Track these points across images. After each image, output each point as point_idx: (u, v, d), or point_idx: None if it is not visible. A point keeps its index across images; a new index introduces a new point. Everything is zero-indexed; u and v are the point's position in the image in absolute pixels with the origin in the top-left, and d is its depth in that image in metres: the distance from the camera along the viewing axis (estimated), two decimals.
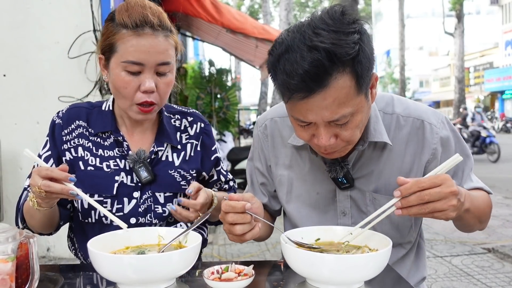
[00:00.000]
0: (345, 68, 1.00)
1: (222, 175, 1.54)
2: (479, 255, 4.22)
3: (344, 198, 1.29)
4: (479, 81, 34.36)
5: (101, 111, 1.41)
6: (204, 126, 1.49)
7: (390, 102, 1.28)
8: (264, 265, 1.24)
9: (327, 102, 1.02)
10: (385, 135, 1.22)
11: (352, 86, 1.03)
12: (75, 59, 3.87)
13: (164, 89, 1.30)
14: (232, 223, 1.08)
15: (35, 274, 0.91)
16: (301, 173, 1.33)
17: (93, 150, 1.36)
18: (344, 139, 1.10)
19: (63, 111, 1.42)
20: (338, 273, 0.98)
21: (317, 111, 1.03)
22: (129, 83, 1.25)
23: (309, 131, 1.11)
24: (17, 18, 3.90)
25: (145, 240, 1.17)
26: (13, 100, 3.93)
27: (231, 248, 4.60)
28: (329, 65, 0.98)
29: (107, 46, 1.28)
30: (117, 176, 1.34)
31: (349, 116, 1.06)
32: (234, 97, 8.98)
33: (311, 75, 0.98)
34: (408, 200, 0.99)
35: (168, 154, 1.41)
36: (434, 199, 0.97)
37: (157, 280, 1.01)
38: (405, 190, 0.98)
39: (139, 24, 1.24)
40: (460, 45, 24.74)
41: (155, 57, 1.25)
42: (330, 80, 1.00)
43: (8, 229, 0.86)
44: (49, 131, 1.40)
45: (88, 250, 1.02)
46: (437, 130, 1.24)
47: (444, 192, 0.97)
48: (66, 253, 3.98)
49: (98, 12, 3.88)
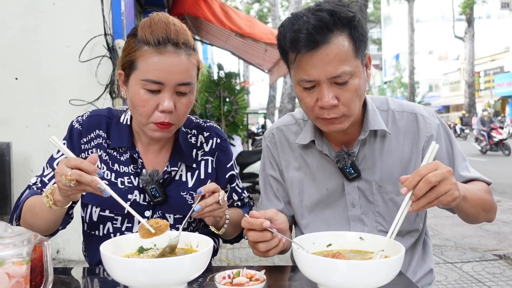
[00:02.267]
0: (344, 29, 1.17)
1: (235, 193, 1.50)
2: (490, 261, 4.17)
3: (352, 190, 1.35)
4: (490, 85, 34.08)
5: (119, 124, 1.37)
6: (220, 142, 1.45)
7: (385, 101, 1.41)
8: (275, 270, 1.23)
9: (329, 57, 1.16)
10: (383, 125, 1.33)
11: (350, 48, 1.17)
12: (86, 63, 3.90)
13: (183, 109, 1.26)
14: (254, 242, 1.12)
15: (49, 276, 0.92)
16: (310, 172, 1.40)
17: (109, 164, 1.34)
18: (344, 102, 1.20)
19: (83, 117, 1.39)
20: (350, 279, 0.97)
21: (321, 67, 1.16)
22: (147, 102, 1.22)
23: (313, 95, 1.21)
24: (29, 23, 3.94)
25: (157, 243, 1.17)
26: (25, 103, 3.97)
27: (239, 252, 4.60)
28: (331, 21, 1.15)
29: (128, 62, 1.24)
30: (130, 195, 1.32)
31: (349, 75, 1.18)
32: (242, 101, 8.99)
33: (317, 29, 1.14)
34: (418, 188, 1.02)
35: (182, 173, 1.38)
36: (438, 179, 1.01)
37: (168, 284, 1.01)
38: (409, 183, 1.03)
39: (161, 41, 1.20)
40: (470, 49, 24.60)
41: (176, 76, 1.21)
42: (332, 36, 1.16)
43: (23, 232, 0.87)
44: (67, 134, 1.37)
45: (101, 253, 1.02)
46: (429, 120, 1.36)
47: (443, 171, 1.02)
48: (76, 255, 4.00)
49: (109, 17, 3.92)
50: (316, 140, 1.36)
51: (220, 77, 8.83)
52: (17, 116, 3.97)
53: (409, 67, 31.92)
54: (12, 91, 3.97)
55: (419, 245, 1.43)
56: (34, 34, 3.94)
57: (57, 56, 3.95)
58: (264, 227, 1.09)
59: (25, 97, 3.97)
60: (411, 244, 1.40)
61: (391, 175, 1.33)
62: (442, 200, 1.04)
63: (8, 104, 3.96)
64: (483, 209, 1.28)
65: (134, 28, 1.28)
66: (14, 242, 0.85)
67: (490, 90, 33.95)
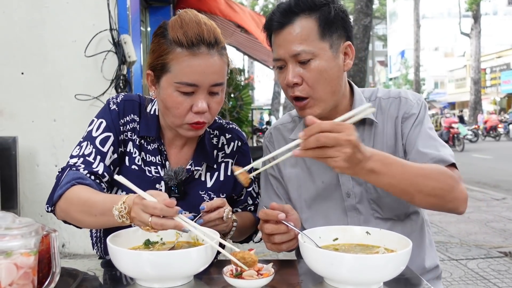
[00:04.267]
0: (311, 14, 1.27)
1: (250, 197, 1.50)
2: (495, 258, 4.15)
3: (346, 181, 1.37)
4: (496, 82, 33.85)
5: (147, 113, 1.35)
6: (241, 145, 1.46)
7: (375, 92, 1.44)
8: (282, 264, 1.23)
9: (292, 36, 1.26)
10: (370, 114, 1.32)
11: (315, 30, 1.26)
12: (91, 58, 3.90)
13: (216, 108, 1.26)
14: (270, 234, 1.17)
15: (56, 268, 0.92)
16: (305, 167, 1.43)
17: (140, 149, 1.34)
18: (308, 82, 1.26)
19: (117, 99, 1.35)
20: (357, 273, 0.97)
21: (284, 45, 1.27)
22: (181, 104, 1.21)
23: (284, 75, 1.30)
24: (35, 17, 3.95)
25: (164, 236, 1.17)
26: (31, 97, 3.98)
27: (243, 248, 4.60)
28: (296, 5, 1.27)
29: (159, 64, 1.22)
30: (158, 184, 1.32)
31: (310, 55, 1.25)
32: (247, 97, 8.99)
33: (285, 11, 1.28)
34: (308, 141, 1.00)
35: (202, 172, 1.38)
36: (329, 144, 0.99)
37: (175, 277, 1.01)
38: (308, 131, 1.00)
39: (195, 42, 1.17)
40: (476, 46, 24.44)
41: (210, 77, 1.20)
42: (296, 18, 1.27)
43: (31, 223, 0.87)
44: (103, 113, 1.33)
45: (108, 245, 1.02)
46: (411, 102, 1.37)
47: (341, 138, 0.99)
48: (81, 249, 4.02)
49: (115, 12, 3.92)
50: None
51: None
52: (23, 111, 3.99)
53: (415, 63, 31.76)
54: (18, 86, 3.98)
55: (424, 235, 1.43)
56: (40, 29, 3.95)
57: (63, 51, 3.96)
58: (280, 219, 1.14)
59: (31, 92, 3.98)
60: (416, 230, 1.39)
61: None
62: (328, 162, 1.02)
63: (14, 99, 3.98)
64: (420, 191, 1.16)
65: (162, 27, 1.25)
66: (22, 233, 0.85)
67: (496, 87, 33.72)
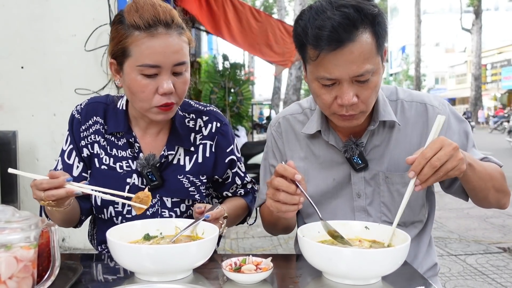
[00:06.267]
0: (368, 26, 1.12)
1: (238, 177, 1.49)
2: (494, 254, 4.16)
3: (358, 180, 1.35)
4: (496, 78, 33.81)
5: (116, 109, 1.38)
6: (220, 126, 1.43)
7: (394, 91, 1.40)
8: (280, 258, 1.24)
9: (354, 56, 1.11)
10: (393, 115, 1.31)
11: (374, 45, 1.14)
12: (91, 52, 3.90)
13: (182, 88, 1.26)
14: (277, 188, 1.08)
15: (56, 261, 0.93)
16: (316, 162, 1.39)
17: (107, 149, 1.36)
18: (364, 100, 1.18)
19: (81, 105, 1.41)
20: (355, 267, 0.97)
21: (344, 65, 1.12)
22: (146, 87, 1.21)
23: (333, 93, 1.18)
24: (35, 11, 3.94)
25: (163, 231, 1.18)
26: (31, 92, 3.98)
27: (243, 242, 4.62)
28: (357, 18, 1.10)
29: (120, 50, 1.22)
30: (128, 178, 1.35)
31: (371, 73, 1.15)
32: (247, 92, 8.98)
33: (343, 26, 1.09)
34: (423, 173, 1.05)
35: (180, 157, 1.38)
36: (443, 161, 1.04)
37: (174, 270, 1.02)
38: (416, 167, 1.05)
39: (151, 24, 1.18)
40: (477, 42, 24.37)
41: (171, 57, 1.20)
42: (357, 34, 1.11)
43: (30, 217, 0.88)
44: (68, 126, 1.40)
45: (107, 239, 1.03)
46: (438, 110, 1.34)
47: (448, 150, 1.04)
48: (81, 244, 4.03)
49: (115, 6, 3.91)
50: (323, 131, 1.35)
51: (225, 67, 8.81)
52: (23, 105, 3.99)
53: (416, 59, 31.69)
54: (18, 80, 3.98)
55: (425, 238, 1.42)
56: (40, 23, 3.94)
57: (63, 45, 3.95)
58: (296, 179, 1.06)
59: (31, 86, 3.98)
60: (415, 235, 1.39)
61: (398, 166, 1.32)
62: (450, 174, 1.07)
63: (14, 93, 3.98)
64: (493, 186, 1.25)
65: (119, 15, 1.26)
66: (22, 227, 0.86)
67: (497, 83, 33.68)
